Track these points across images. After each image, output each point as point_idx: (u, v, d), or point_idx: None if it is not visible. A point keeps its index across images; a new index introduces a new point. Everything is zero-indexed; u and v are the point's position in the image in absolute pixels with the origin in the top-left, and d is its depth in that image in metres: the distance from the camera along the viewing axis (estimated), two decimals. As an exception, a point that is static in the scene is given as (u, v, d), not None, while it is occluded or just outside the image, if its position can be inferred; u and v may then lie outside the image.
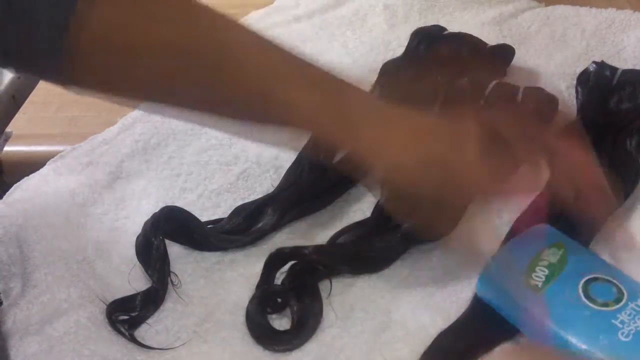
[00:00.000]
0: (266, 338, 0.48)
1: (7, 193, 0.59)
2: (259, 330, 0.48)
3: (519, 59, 0.69)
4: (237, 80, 0.41)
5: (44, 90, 0.74)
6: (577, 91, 0.65)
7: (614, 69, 0.64)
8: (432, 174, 0.43)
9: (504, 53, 0.69)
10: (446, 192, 0.44)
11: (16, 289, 0.52)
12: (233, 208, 0.56)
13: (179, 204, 0.56)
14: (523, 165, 0.47)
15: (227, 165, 0.62)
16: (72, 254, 0.54)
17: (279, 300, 0.49)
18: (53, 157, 0.63)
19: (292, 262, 0.51)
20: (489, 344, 0.46)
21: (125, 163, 0.62)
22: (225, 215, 0.56)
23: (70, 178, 0.61)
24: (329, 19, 0.80)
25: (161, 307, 0.50)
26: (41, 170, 0.62)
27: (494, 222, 0.52)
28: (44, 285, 0.51)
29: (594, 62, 0.65)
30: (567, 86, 0.66)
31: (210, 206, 0.58)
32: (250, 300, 0.49)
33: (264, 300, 0.49)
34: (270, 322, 0.49)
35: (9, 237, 0.55)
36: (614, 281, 0.45)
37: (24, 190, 0.60)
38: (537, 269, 0.47)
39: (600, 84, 0.63)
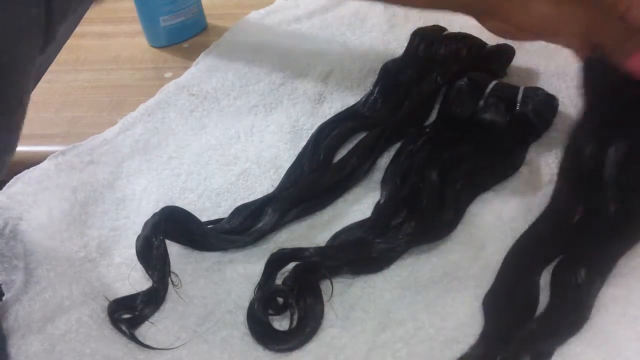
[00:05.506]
0: (266, 338, 0.48)
1: (7, 184, 0.59)
2: (260, 330, 0.48)
3: (519, 59, 0.69)
4: None
5: (44, 90, 0.74)
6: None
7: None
8: None
9: (504, 53, 0.69)
10: None
11: (18, 282, 0.52)
12: (233, 208, 0.56)
13: (179, 204, 0.56)
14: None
15: (227, 165, 0.62)
16: (75, 251, 0.54)
17: (280, 300, 0.49)
18: (53, 157, 0.63)
19: (294, 262, 0.51)
20: None
21: (125, 163, 0.63)
22: (225, 215, 0.56)
23: (71, 175, 0.61)
24: (328, 19, 0.80)
25: (161, 307, 0.51)
26: (42, 164, 0.62)
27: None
28: (46, 282, 0.51)
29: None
30: (567, 86, 0.66)
31: (210, 206, 0.58)
32: (252, 301, 0.49)
33: (266, 301, 0.49)
34: (271, 322, 0.49)
35: (9, 230, 0.55)
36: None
37: (25, 183, 0.60)
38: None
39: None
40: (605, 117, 0.52)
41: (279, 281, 0.51)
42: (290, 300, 0.49)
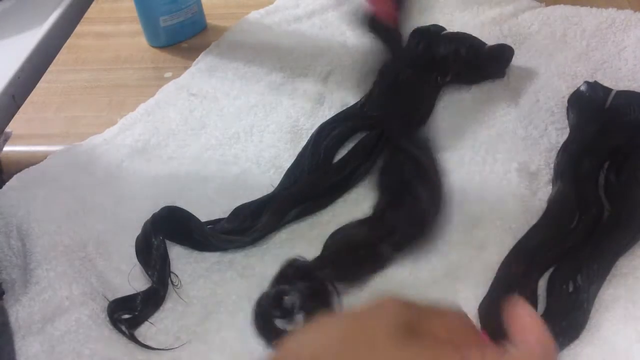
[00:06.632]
0: (269, 338, 0.47)
1: (7, 184, 0.59)
2: (264, 330, 0.48)
3: (519, 59, 0.69)
4: None
5: (44, 90, 0.74)
6: (568, 112, 0.62)
7: (607, 90, 0.61)
8: None
9: (503, 53, 0.69)
10: None
11: (19, 281, 0.52)
12: (233, 208, 0.56)
13: (179, 204, 0.56)
14: None
15: (226, 165, 0.62)
16: (74, 250, 0.54)
17: (288, 304, 0.48)
18: (53, 157, 0.63)
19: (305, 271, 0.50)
20: None
21: (125, 163, 0.63)
22: (225, 215, 0.56)
23: (71, 174, 0.61)
24: (329, 19, 0.80)
25: (161, 307, 0.51)
26: (42, 164, 0.62)
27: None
28: (46, 282, 0.51)
29: (585, 81, 0.63)
30: (568, 86, 0.66)
31: (210, 206, 0.58)
32: (259, 301, 0.49)
33: (274, 303, 0.48)
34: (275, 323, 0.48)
35: (9, 229, 0.55)
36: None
37: (25, 182, 0.60)
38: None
39: (592, 105, 0.61)
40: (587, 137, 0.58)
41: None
42: (297, 304, 0.48)
